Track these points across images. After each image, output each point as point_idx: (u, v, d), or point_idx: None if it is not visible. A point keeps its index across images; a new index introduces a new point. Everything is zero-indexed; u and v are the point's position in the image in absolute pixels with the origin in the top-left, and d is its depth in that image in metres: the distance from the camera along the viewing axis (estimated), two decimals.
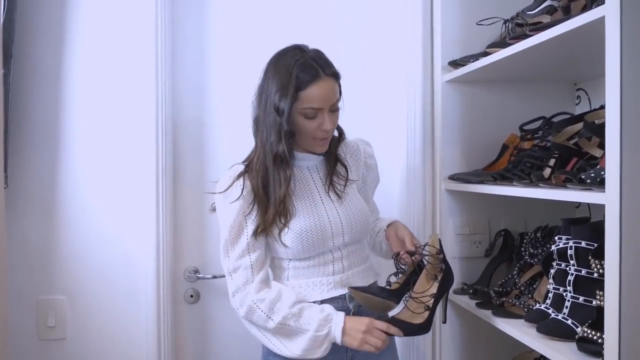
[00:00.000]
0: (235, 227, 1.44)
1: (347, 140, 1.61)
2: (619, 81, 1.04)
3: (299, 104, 1.40)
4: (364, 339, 1.39)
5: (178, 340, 1.94)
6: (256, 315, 1.42)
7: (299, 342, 1.41)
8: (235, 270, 1.45)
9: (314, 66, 1.40)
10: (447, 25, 1.86)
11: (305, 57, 1.41)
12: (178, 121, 1.94)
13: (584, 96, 1.88)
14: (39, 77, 1.84)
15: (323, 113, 1.42)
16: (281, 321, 1.40)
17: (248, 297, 1.42)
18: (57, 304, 1.85)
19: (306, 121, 1.42)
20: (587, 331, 1.21)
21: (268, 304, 1.41)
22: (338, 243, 1.49)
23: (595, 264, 1.24)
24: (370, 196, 1.67)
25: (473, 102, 1.88)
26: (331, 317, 1.41)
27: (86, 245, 1.86)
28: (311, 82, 1.39)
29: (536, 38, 1.34)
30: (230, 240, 1.45)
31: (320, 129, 1.43)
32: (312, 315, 1.41)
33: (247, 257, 1.44)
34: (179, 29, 1.94)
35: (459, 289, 1.83)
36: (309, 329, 1.40)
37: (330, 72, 1.42)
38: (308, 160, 1.53)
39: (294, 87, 1.38)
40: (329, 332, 1.40)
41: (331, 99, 1.42)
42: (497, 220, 1.90)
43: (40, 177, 1.84)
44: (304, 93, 1.39)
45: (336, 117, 1.47)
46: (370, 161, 1.64)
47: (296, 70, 1.39)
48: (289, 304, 1.41)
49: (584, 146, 1.43)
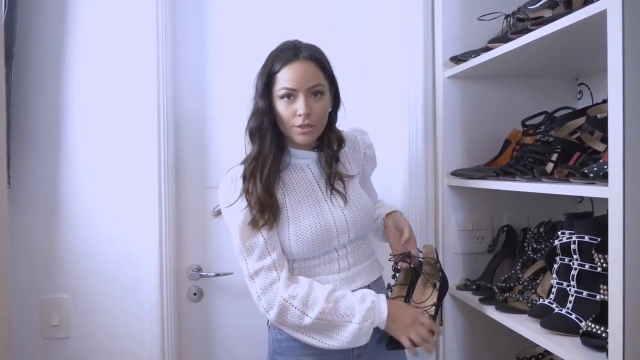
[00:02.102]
0: (247, 229, 1.41)
1: (345, 133, 1.58)
2: (621, 75, 1.04)
3: (276, 87, 1.42)
4: (409, 332, 1.38)
5: (181, 338, 1.95)
6: (290, 314, 1.36)
7: (342, 335, 1.36)
8: (257, 273, 1.40)
9: (293, 51, 1.42)
10: (448, 21, 1.85)
11: (289, 45, 1.44)
12: (179, 119, 1.93)
13: (585, 91, 1.87)
14: (41, 75, 1.84)
15: (298, 95, 1.40)
16: (318, 316, 1.35)
17: (278, 296, 1.37)
18: (61, 302, 1.85)
19: (283, 106, 1.42)
20: (591, 325, 1.21)
21: (301, 300, 1.36)
22: (343, 240, 1.48)
23: (599, 258, 1.24)
24: (368, 180, 1.66)
25: (475, 97, 1.88)
26: (375, 304, 1.38)
27: (89, 243, 1.86)
28: (285, 64, 1.41)
29: (538, 32, 1.33)
30: (243, 243, 1.41)
31: (297, 113, 1.41)
32: (352, 306, 1.37)
33: (269, 257, 1.40)
34: (179, 27, 1.93)
35: (462, 285, 1.83)
36: (351, 320, 1.36)
37: (307, 54, 1.42)
38: (305, 157, 1.51)
39: (268, 69, 1.42)
40: (373, 320, 1.37)
41: (307, 81, 1.40)
42: (499, 215, 1.90)
43: (42, 175, 1.84)
44: (279, 75, 1.41)
45: (319, 106, 1.43)
46: (369, 151, 1.64)
47: (274, 56, 1.43)
48: (324, 297, 1.37)
49: (586, 140, 1.43)
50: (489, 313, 1.59)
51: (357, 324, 1.35)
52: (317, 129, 1.45)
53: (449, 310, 1.89)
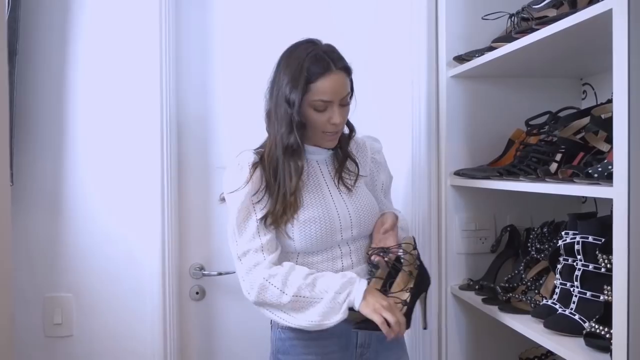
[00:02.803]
0: (244, 210, 1.42)
1: (354, 137, 1.60)
2: (626, 74, 1.03)
3: (310, 96, 1.40)
4: (380, 310, 1.32)
5: (184, 337, 1.95)
6: (269, 293, 1.37)
7: (314, 310, 1.35)
8: (244, 254, 1.41)
9: (325, 59, 1.40)
10: (452, 20, 1.85)
11: (317, 50, 1.42)
12: (182, 119, 1.94)
13: (590, 91, 1.87)
14: (44, 74, 1.84)
15: (333, 106, 1.42)
16: (296, 292, 1.35)
17: (259, 276, 1.38)
18: (63, 301, 1.86)
19: (316, 114, 1.42)
20: (595, 326, 1.20)
21: (281, 278, 1.37)
22: (346, 237, 1.48)
23: (603, 258, 1.24)
24: (380, 195, 1.63)
25: (478, 97, 1.87)
26: (354, 280, 1.37)
27: (92, 242, 1.87)
28: (322, 74, 1.39)
29: (542, 32, 1.33)
30: (238, 224, 1.42)
31: (330, 122, 1.43)
32: (330, 282, 1.37)
33: (258, 239, 1.41)
34: (182, 26, 1.93)
35: (465, 285, 1.82)
36: (327, 294, 1.35)
37: (341, 66, 1.42)
38: (318, 154, 1.53)
39: (304, 79, 1.39)
40: (349, 293, 1.35)
41: (341, 92, 1.42)
42: (503, 215, 1.89)
43: (45, 174, 1.85)
44: (315, 85, 1.39)
45: (346, 112, 1.47)
46: (378, 157, 1.63)
47: (307, 63, 1.40)
48: (303, 275, 1.38)
49: (590, 140, 1.43)
50: (491, 313, 1.59)
51: (333, 292, 1.35)
52: (341, 131, 1.50)
53: (451, 310, 1.88)
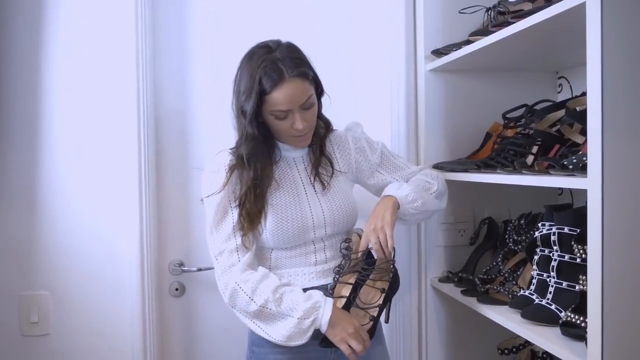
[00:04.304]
0: (220, 210, 1.44)
1: (336, 132, 1.59)
2: (599, 67, 1.04)
3: (267, 107, 1.39)
4: (348, 339, 1.37)
5: (164, 333, 1.93)
6: (239, 298, 1.40)
7: (281, 328, 1.38)
8: (220, 253, 1.43)
9: (278, 68, 1.36)
10: (430, 14, 1.85)
11: (270, 59, 1.37)
12: (160, 113, 1.91)
13: (565, 84, 1.89)
14: (17, 69, 1.80)
15: (293, 113, 1.40)
16: (263, 304, 1.38)
17: (232, 279, 1.41)
18: (40, 299, 1.83)
19: (278, 122, 1.41)
20: (571, 316, 1.22)
21: (251, 285, 1.39)
22: (320, 234, 1.49)
23: (578, 249, 1.25)
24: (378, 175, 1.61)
25: (456, 91, 1.88)
26: (319, 304, 1.39)
27: (69, 239, 1.84)
28: (274, 86, 1.36)
29: (518, 25, 1.34)
30: (215, 224, 1.44)
31: (293, 127, 1.41)
32: (297, 302, 1.38)
33: (234, 240, 1.43)
34: (160, 19, 1.91)
35: (444, 277, 1.84)
36: (293, 315, 1.37)
37: (295, 73, 1.37)
38: (294, 151, 1.53)
39: (256, 92, 1.37)
40: (314, 319, 1.37)
41: (299, 99, 1.39)
42: (481, 208, 1.91)
43: (21, 171, 1.81)
44: (270, 97, 1.37)
45: (311, 114, 1.44)
46: (360, 143, 1.60)
47: (259, 74, 1.36)
48: (272, 288, 1.39)
49: (566, 133, 1.45)
50: (470, 305, 1.61)
51: (297, 318, 1.37)
52: (312, 131, 1.48)
53: (430, 302, 1.90)
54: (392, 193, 1.51)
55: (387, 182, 1.59)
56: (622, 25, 1.05)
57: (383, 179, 1.61)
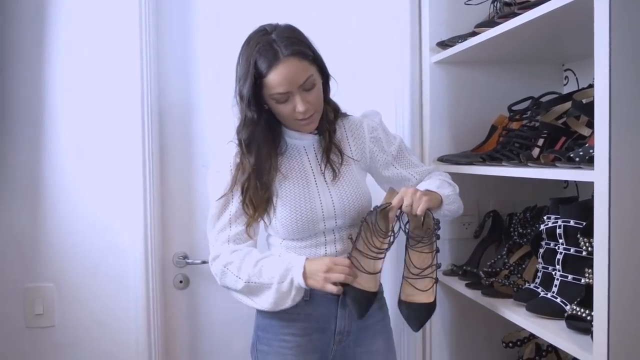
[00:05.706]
0: (221, 202, 1.45)
1: (351, 118, 1.57)
2: (607, 58, 1.03)
3: (266, 91, 1.38)
4: (327, 278, 1.38)
5: (168, 326, 1.94)
6: (228, 279, 1.44)
7: (266, 296, 1.42)
8: (215, 241, 1.48)
9: (272, 49, 1.34)
10: (435, 6, 1.84)
11: (265, 40, 1.36)
12: (164, 106, 1.91)
13: (571, 76, 1.88)
14: (22, 63, 1.80)
15: (294, 95, 1.37)
16: (248, 279, 1.41)
17: (220, 264, 1.45)
18: (45, 291, 1.83)
19: (280, 105, 1.40)
20: (576, 309, 1.22)
21: (236, 265, 1.43)
22: (330, 226, 1.48)
23: (584, 242, 1.25)
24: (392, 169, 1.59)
25: (461, 83, 1.87)
26: (291, 266, 1.40)
27: (73, 232, 1.84)
28: (270, 67, 1.34)
29: (524, 17, 1.33)
30: (214, 214, 1.47)
31: (295, 110, 1.39)
32: (273, 269, 1.41)
33: (227, 231, 1.46)
34: (163, 12, 1.90)
35: (449, 271, 1.84)
36: (272, 282, 1.40)
37: (290, 52, 1.34)
38: (303, 139, 1.51)
39: (252, 75, 1.36)
40: (291, 281, 1.39)
41: (297, 79, 1.36)
42: (486, 201, 1.90)
43: (25, 164, 1.82)
44: (267, 80, 1.35)
45: (314, 95, 1.40)
46: (377, 133, 1.57)
47: (254, 57, 1.36)
48: (253, 263, 1.42)
49: (572, 125, 1.43)
50: (475, 298, 1.60)
51: (276, 284, 1.40)
52: (318, 114, 1.45)
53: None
54: (436, 190, 1.46)
55: (402, 177, 1.59)
56: (630, 16, 1.03)
57: (398, 173, 1.60)
